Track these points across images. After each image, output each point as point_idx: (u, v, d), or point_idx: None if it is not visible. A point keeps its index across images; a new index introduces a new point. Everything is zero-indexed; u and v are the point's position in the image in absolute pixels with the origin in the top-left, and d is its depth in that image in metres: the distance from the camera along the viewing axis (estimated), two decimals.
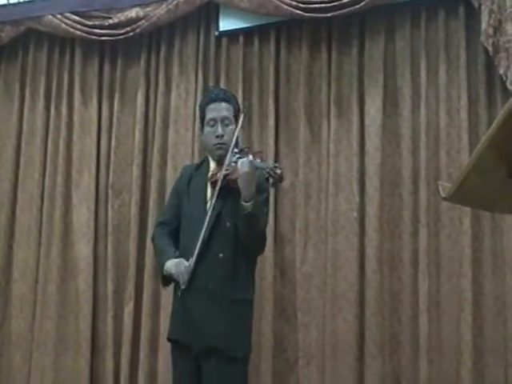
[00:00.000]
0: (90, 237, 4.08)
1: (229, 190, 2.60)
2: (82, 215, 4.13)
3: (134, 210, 4.02)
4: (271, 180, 2.52)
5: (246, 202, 2.51)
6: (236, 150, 2.67)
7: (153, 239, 2.98)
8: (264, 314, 3.59)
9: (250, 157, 2.53)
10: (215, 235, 2.63)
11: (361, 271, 3.52)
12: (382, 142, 3.57)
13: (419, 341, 3.35)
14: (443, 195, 1.59)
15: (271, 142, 3.76)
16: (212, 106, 2.76)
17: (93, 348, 4.01)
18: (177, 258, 2.69)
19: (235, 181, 2.54)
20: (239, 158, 2.58)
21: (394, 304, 3.48)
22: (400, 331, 3.45)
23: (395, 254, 3.51)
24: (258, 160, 2.53)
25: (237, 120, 2.78)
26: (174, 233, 2.83)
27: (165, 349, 3.73)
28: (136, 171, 4.05)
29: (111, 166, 4.14)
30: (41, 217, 4.23)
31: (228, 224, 2.64)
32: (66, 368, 4.04)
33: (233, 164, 2.59)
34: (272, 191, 3.12)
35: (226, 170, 2.59)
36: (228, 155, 2.62)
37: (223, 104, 2.76)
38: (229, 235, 2.64)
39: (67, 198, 4.21)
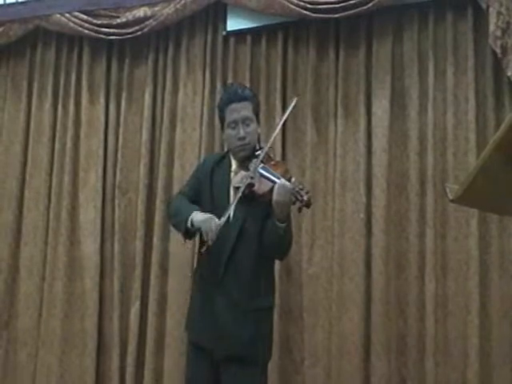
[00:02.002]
0: (97, 236, 4.09)
1: (252, 197, 2.60)
2: (89, 214, 4.14)
3: (140, 208, 4.02)
4: (298, 204, 2.48)
5: (280, 222, 2.52)
6: (259, 152, 2.66)
7: (170, 203, 2.91)
8: None
9: (283, 181, 2.49)
10: (241, 243, 2.62)
11: (367, 272, 3.51)
12: (389, 143, 3.56)
13: (426, 342, 3.34)
14: (450, 197, 1.59)
15: (278, 142, 3.75)
16: (231, 107, 2.71)
17: (99, 346, 4.01)
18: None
19: (261, 195, 2.55)
20: (263, 167, 2.59)
21: (400, 305, 3.48)
22: (406, 333, 3.44)
23: (402, 255, 3.50)
24: (288, 183, 2.48)
25: (257, 117, 2.77)
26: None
27: (171, 348, 3.75)
28: (143, 170, 4.05)
29: (118, 165, 4.15)
30: (48, 215, 4.24)
31: (252, 231, 2.62)
32: (72, 366, 4.05)
33: (257, 174, 2.58)
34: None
35: (251, 177, 2.58)
36: (253, 161, 2.63)
37: (242, 103, 2.71)
38: (252, 243, 2.62)
39: (74, 196, 4.21)
